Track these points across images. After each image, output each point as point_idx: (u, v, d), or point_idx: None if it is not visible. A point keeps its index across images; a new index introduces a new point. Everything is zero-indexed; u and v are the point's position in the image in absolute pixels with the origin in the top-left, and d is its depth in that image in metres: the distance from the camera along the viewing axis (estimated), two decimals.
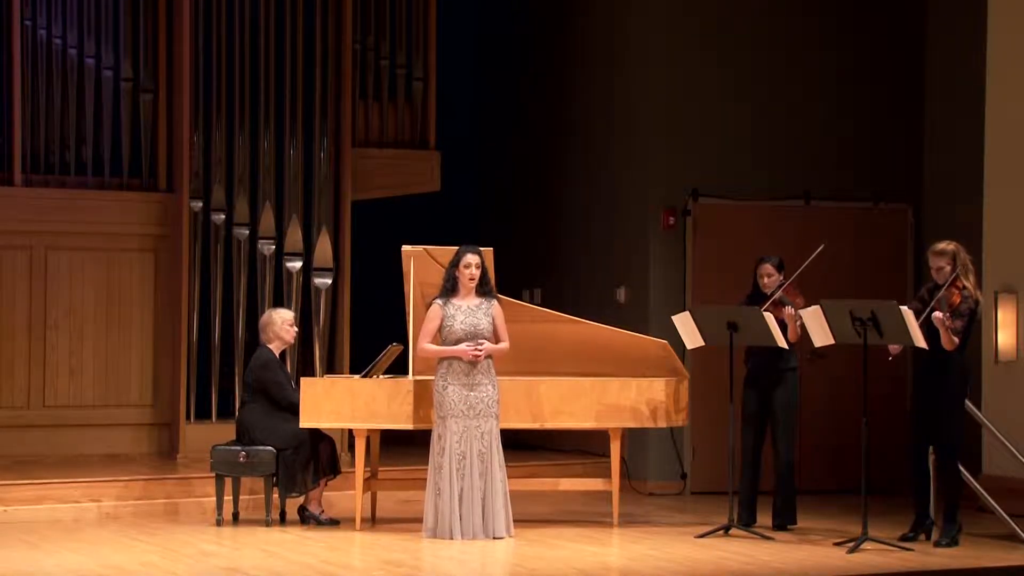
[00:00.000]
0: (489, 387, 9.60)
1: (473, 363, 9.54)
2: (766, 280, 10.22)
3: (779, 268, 10.22)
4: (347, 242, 12.74)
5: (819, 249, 10.01)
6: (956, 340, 9.30)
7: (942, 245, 9.55)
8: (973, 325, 9.47)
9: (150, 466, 11.79)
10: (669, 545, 9.48)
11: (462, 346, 9.54)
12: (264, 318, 10.61)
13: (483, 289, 9.69)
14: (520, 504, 9.99)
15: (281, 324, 10.48)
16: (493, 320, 9.64)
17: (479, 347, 9.52)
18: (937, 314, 9.25)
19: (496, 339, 9.64)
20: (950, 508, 9.48)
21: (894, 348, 9.58)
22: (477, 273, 9.65)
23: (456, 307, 9.63)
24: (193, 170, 12.42)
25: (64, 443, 12.16)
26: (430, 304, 9.68)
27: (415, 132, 13.27)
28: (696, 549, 9.36)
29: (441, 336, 9.62)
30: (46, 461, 11.83)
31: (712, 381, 11.14)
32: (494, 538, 9.47)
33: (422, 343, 9.68)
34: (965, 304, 9.35)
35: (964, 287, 9.38)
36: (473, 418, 9.53)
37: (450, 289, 9.66)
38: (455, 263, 9.67)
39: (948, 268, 9.41)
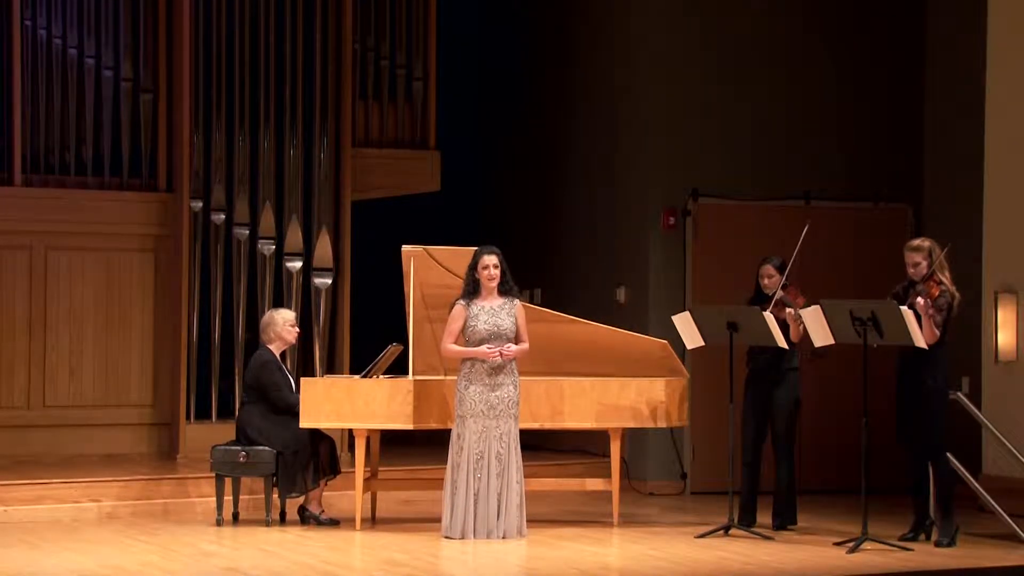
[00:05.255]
0: (511, 387, 9.58)
1: (495, 363, 9.53)
2: (767, 281, 10.21)
3: (780, 269, 10.21)
4: (347, 242, 12.74)
5: (805, 229, 10.01)
6: (937, 332, 9.32)
7: (917, 241, 9.64)
8: (951, 320, 9.49)
9: (150, 466, 11.78)
10: (669, 545, 9.47)
11: (483, 348, 9.55)
12: (265, 318, 10.60)
13: (505, 288, 9.68)
14: None
15: (283, 324, 10.47)
16: (516, 320, 9.65)
17: (505, 349, 9.50)
18: (920, 300, 9.28)
19: (517, 340, 9.63)
20: (945, 505, 9.48)
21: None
22: (496, 273, 9.62)
23: (479, 307, 9.61)
24: (193, 170, 12.42)
25: (64, 443, 12.15)
26: (454, 304, 9.67)
27: (415, 132, 13.26)
28: (696, 549, 9.35)
29: (464, 336, 9.60)
30: (46, 461, 11.83)
31: (712, 381, 11.13)
32: (504, 538, 9.46)
33: (446, 343, 9.66)
34: (943, 298, 9.41)
35: (941, 282, 9.44)
36: (493, 419, 9.52)
37: (472, 291, 9.65)
38: (473, 265, 9.64)
39: (924, 264, 9.46)
